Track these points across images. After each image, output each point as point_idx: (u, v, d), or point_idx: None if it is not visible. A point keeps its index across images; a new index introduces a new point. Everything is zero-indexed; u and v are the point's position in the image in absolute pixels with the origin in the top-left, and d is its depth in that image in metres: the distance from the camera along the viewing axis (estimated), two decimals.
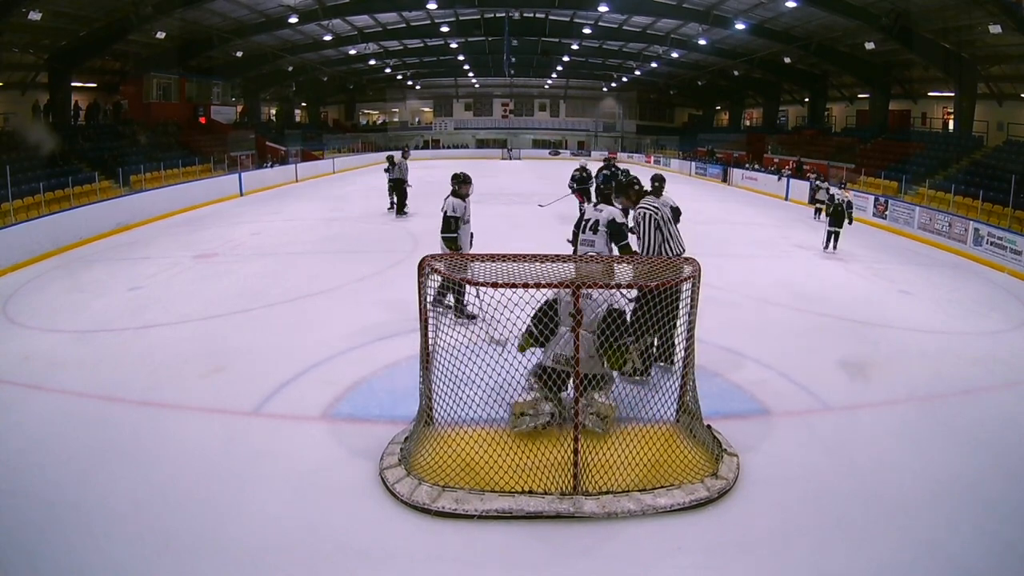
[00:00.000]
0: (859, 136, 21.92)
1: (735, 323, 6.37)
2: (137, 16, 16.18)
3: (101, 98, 20.03)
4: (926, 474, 3.73)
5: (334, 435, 4.10)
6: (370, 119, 42.23)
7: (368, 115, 42.24)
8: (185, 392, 4.73)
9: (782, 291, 7.83)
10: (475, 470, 3.53)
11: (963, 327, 6.76)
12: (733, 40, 23.11)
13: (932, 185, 15.14)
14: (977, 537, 3.16)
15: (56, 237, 10.41)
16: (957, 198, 13.44)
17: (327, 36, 24.93)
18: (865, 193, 15.70)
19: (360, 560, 2.98)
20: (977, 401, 4.84)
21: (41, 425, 4.24)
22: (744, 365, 5.30)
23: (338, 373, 5.02)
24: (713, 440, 3.85)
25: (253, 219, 13.77)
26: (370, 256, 9.74)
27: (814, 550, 3.07)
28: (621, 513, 3.26)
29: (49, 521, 3.20)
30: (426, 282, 3.77)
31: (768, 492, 3.50)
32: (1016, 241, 9.95)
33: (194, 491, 3.47)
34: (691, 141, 33.81)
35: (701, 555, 3.03)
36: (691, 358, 3.94)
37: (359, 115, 41.67)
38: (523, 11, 23.74)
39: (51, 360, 5.39)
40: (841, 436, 4.22)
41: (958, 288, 8.63)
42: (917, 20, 15.82)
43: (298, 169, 24.09)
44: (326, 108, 38.93)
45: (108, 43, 17.34)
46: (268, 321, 6.51)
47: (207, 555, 2.98)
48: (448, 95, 41.20)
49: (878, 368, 5.40)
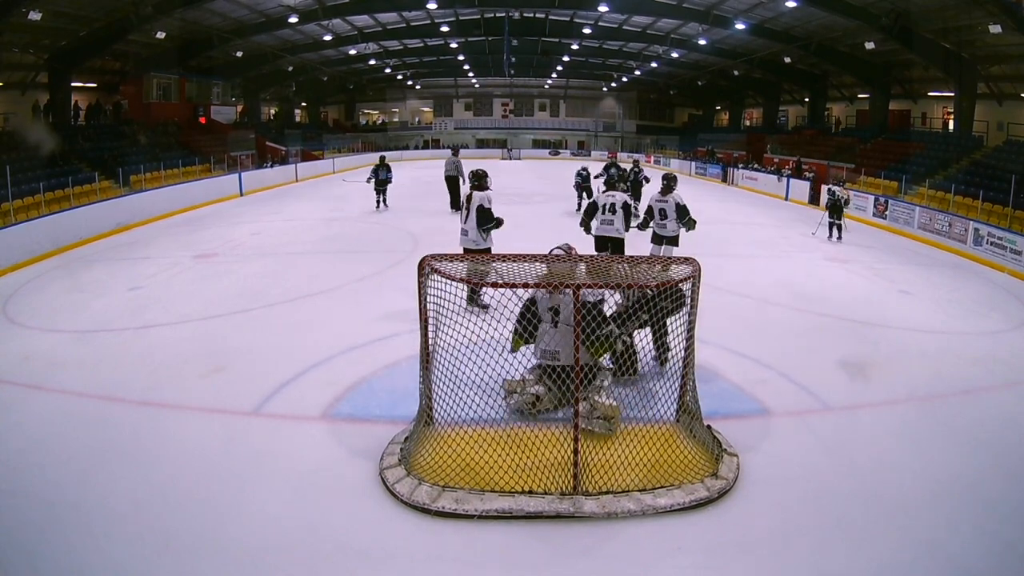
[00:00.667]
0: (859, 136, 21.90)
1: (735, 323, 6.37)
2: (137, 16, 16.17)
3: (101, 98, 20.02)
4: (926, 474, 3.73)
5: (334, 435, 4.10)
6: (370, 119, 42.21)
7: (368, 115, 42.21)
8: (185, 392, 4.73)
9: (782, 291, 7.82)
10: (475, 470, 3.53)
11: (963, 327, 6.76)
12: (733, 40, 23.10)
13: (932, 185, 15.13)
14: (977, 537, 3.16)
15: (56, 237, 10.41)
16: (957, 198, 13.43)
17: (327, 36, 24.91)
18: (865, 193, 15.70)
19: (360, 560, 2.98)
20: (977, 401, 4.84)
21: (41, 425, 4.24)
22: (744, 365, 5.30)
23: (338, 373, 5.02)
24: (713, 440, 3.86)
25: (253, 219, 13.77)
26: (370, 256, 9.74)
27: (814, 550, 3.07)
28: (621, 513, 3.26)
29: (49, 521, 3.20)
30: (426, 282, 3.77)
31: (768, 492, 3.50)
32: (1016, 241, 9.95)
33: (194, 491, 3.47)
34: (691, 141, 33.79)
35: (701, 555, 3.03)
36: (691, 358, 3.94)
37: (359, 115, 41.64)
38: (523, 11, 23.72)
39: (51, 360, 5.40)
40: (841, 436, 4.22)
41: (958, 288, 8.63)
42: (917, 20, 15.81)
43: (298, 169, 24.10)
44: (326, 108, 38.92)
45: (108, 43, 17.33)
46: (268, 321, 6.51)
47: (207, 555, 2.98)
48: (448, 95, 41.18)
49: (878, 368, 5.40)
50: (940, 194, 14.29)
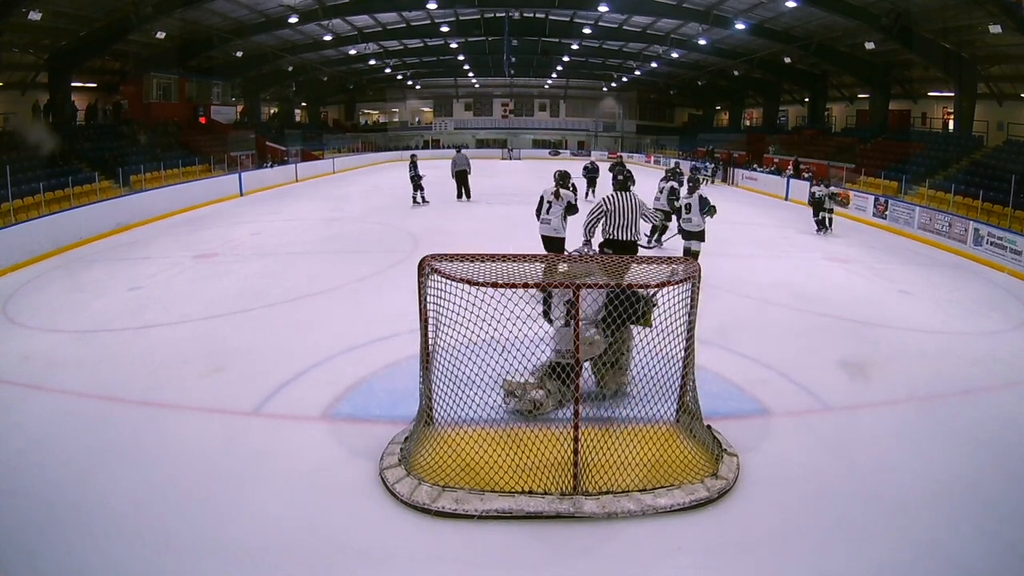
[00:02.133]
0: (859, 136, 21.89)
1: (735, 323, 6.37)
2: (137, 16, 16.17)
3: (101, 98, 20.02)
4: (926, 474, 3.73)
5: (334, 435, 4.10)
6: (370, 119, 42.19)
7: (368, 115, 42.20)
8: (185, 392, 4.73)
9: (782, 291, 7.82)
10: (475, 470, 3.53)
11: (963, 327, 6.76)
12: (733, 40, 23.09)
13: (932, 185, 15.13)
14: (977, 537, 3.16)
15: (56, 237, 10.41)
16: (957, 198, 13.43)
17: (327, 36, 24.90)
18: (865, 193, 15.70)
19: (360, 560, 2.98)
20: (977, 401, 4.84)
21: (41, 425, 4.24)
22: (744, 365, 5.30)
23: (338, 373, 5.02)
24: (713, 440, 3.85)
25: (253, 219, 13.77)
26: (370, 256, 9.74)
27: (814, 550, 3.07)
28: (621, 513, 3.26)
29: (49, 521, 3.20)
30: (426, 282, 3.77)
31: (768, 492, 3.50)
32: (1016, 241, 9.95)
33: (194, 491, 3.47)
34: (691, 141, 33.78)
35: (701, 555, 3.03)
36: (691, 358, 3.94)
37: (359, 115, 41.62)
38: (523, 11, 23.70)
39: (51, 360, 5.40)
40: (841, 436, 4.21)
41: (958, 288, 8.63)
42: (917, 20, 15.81)
43: (298, 169, 24.09)
44: (326, 108, 38.90)
45: (108, 43, 17.32)
46: (268, 321, 6.51)
47: (207, 555, 2.98)
48: (448, 95, 41.17)
49: (878, 368, 5.40)
50: (940, 194, 14.29)
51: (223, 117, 25.13)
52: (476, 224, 12.79)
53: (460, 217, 13.76)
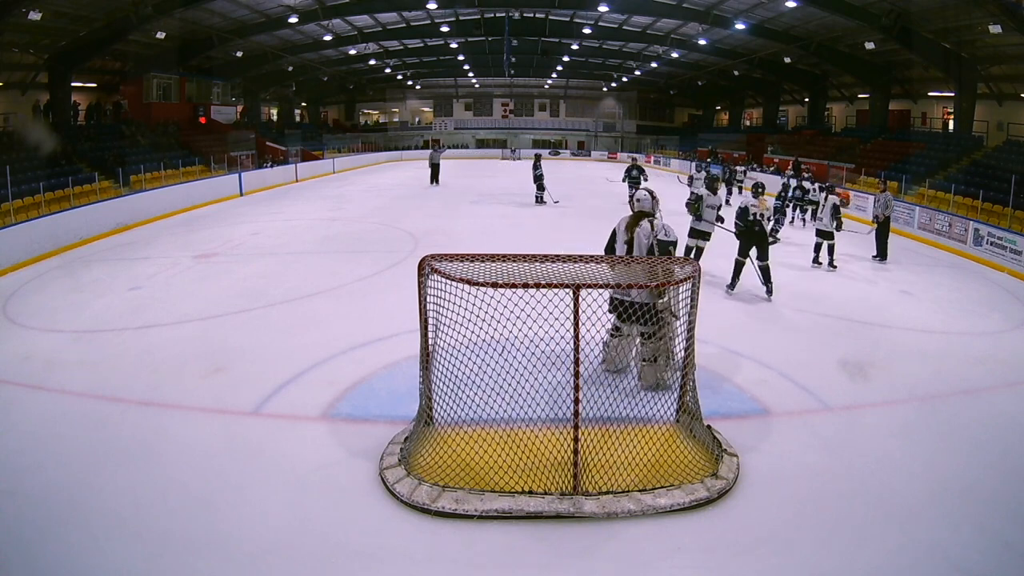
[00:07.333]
0: (859, 136, 21.90)
1: (735, 323, 6.36)
2: (137, 16, 16.18)
3: (101, 98, 20.03)
4: (926, 474, 3.72)
5: (334, 435, 4.10)
6: (370, 119, 42.22)
7: (368, 115, 42.22)
8: (185, 392, 4.73)
9: (782, 291, 7.81)
10: (475, 470, 3.53)
11: (963, 327, 6.75)
12: (733, 40, 23.10)
13: (932, 185, 15.13)
14: (977, 537, 3.15)
15: (56, 237, 10.41)
16: (957, 198, 13.43)
17: (327, 36, 24.91)
18: (865, 193, 15.69)
19: (360, 560, 2.98)
20: (977, 401, 4.83)
21: (41, 425, 4.24)
22: (744, 365, 5.30)
23: (338, 373, 5.02)
24: (713, 440, 3.85)
25: (253, 219, 13.77)
26: (370, 256, 9.73)
27: (814, 550, 3.06)
28: (621, 513, 3.26)
29: (49, 521, 3.20)
30: (426, 282, 3.77)
31: (768, 492, 3.50)
32: (1016, 241, 9.94)
33: (194, 491, 3.47)
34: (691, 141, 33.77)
35: (701, 555, 3.03)
36: (691, 358, 3.93)
37: (359, 115, 41.64)
38: (523, 11, 23.71)
39: (51, 360, 5.39)
40: (841, 436, 4.21)
41: (958, 288, 8.62)
42: (917, 20, 15.81)
43: (298, 169, 24.10)
44: (326, 108, 38.92)
45: (108, 43, 17.34)
46: (268, 321, 6.51)
47: (207, 555, 2.98)
48: (448, 95, 41.17)
49: (878, 368, 5.40)
50: (940, 194, 14.29)
51: (223, 117, 25.14)
52: (477, 224, 12.79)
53: (460, 217, 13.78)
